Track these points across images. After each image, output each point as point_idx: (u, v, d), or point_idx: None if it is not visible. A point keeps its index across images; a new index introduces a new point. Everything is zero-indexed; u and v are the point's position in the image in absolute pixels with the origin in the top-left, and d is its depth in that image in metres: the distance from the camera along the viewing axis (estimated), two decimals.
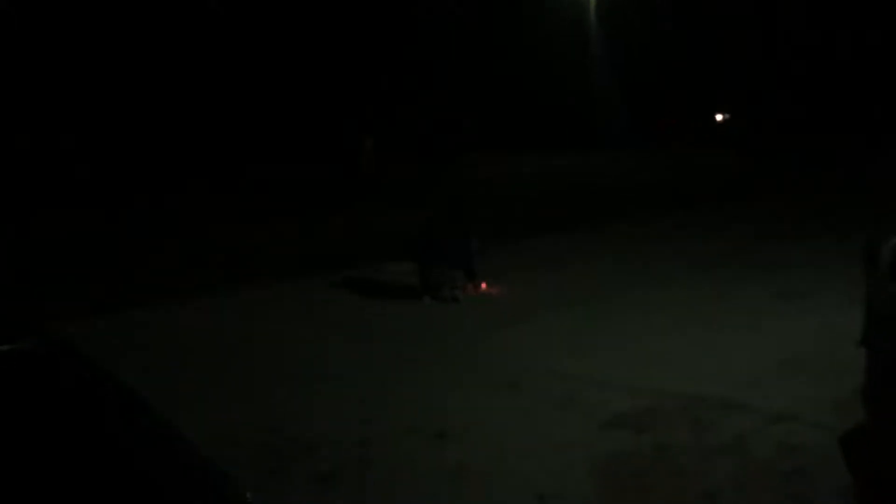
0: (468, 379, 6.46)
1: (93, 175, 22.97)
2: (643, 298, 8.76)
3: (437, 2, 30.68)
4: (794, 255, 10.44)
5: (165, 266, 11.23)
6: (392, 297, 9.11)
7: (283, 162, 25.19)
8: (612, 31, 29.65)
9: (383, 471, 4.89)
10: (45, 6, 26.00)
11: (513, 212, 13.52)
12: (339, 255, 11.50)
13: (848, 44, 28.24)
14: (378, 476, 4.83)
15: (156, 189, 21.72)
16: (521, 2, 31.14)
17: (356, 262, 10.81)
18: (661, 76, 30.19)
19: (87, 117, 26.24)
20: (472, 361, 6.91)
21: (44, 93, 25.66)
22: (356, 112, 27.76)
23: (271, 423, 5.66)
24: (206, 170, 24.40)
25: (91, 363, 2.85)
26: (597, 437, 5.28)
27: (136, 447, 2.64)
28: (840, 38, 28.28)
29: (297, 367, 6.92)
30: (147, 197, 20.16)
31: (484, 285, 9.13)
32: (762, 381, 6.08)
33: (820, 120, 27.09)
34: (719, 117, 30.75)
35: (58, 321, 6.97)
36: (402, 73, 29.66)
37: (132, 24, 27.40)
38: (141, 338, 7.96)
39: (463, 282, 8.94)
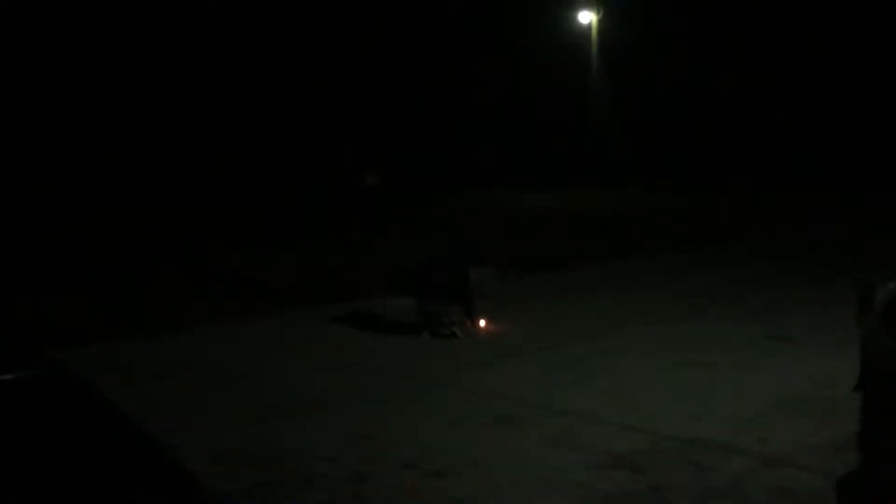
0: (466, 415, 6.47)
1: (92, 192, 22.81)
2: (641, 337, 8.79)
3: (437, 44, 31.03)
4: (786, 296, 10.49)
5: (166, 294, 11.25)
6: (391, 332, 9.12)
7: (284, 191, 25.25)
8: (613, 68, 29.96)
9: None
10: (45, 9, 26.08)
11: (515, 247, 13.57)
12: (339, 286, 11.53)
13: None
14: None
15: (149, 209, 21.75)
16: (521, 40, 31.47)
17: (356, 294, 10.84)
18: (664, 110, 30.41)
19: (89, 130, 26.22)
20: (469, 397, 6.93)
21: (42, 103, 25.70)
22: (360, 145, 27.90)
23: (268, 455, 5.67)
24: (206, 195, 24.37)
25: (95, 393, 2.88)
26: (593, 476, 5.29)
27: (137, 476, 2.67)
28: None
29: (295, 400, 6.93)
30: (145, 217, 20.18)
31: (484, 322, 9.15)
32: (758, 423, 6.10)
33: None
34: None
35: (60, 347, 7.01)
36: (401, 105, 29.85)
37: (137, 42, 27.61)
38: (140, 367, 7.95)
39: (462, 318, 8.96)
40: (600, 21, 30.11)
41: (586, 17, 30.28)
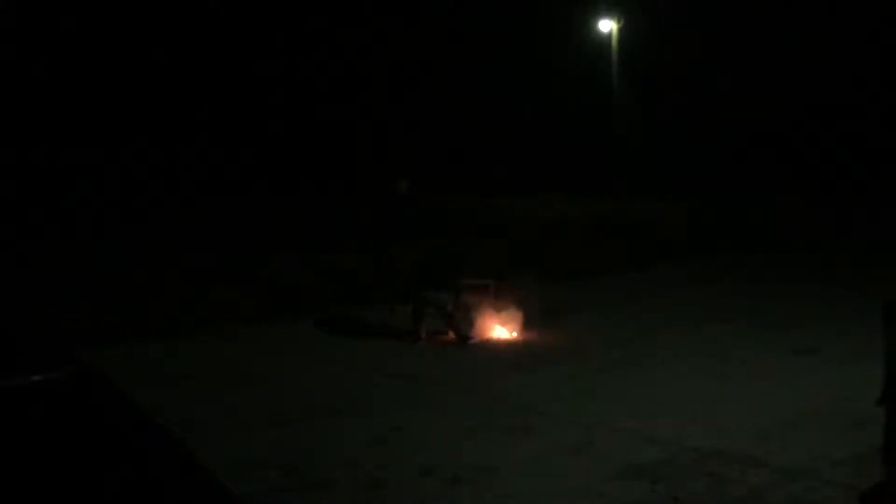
0: (484, 422, 6.46)
1: (98, 196, 22.78)
2: (661, 347, 8.75)
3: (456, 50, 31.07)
4: (807, 308, 10.40)
5: (187, 296, 11.29)
6: (411, 338, 9.10)
7: (316, 192, 25.16)
8: (634, 75, 29.88)
9: None
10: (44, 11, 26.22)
11: (535, 257, 13.53)
12: (357, 290, 11.54)
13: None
14: None
15: (179, 210, 21.76)
16: (549, 51, 31.49)
17: (374, 299, 10.82)
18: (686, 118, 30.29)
19: (94, 132, 26.29)
20: (488, 404, 6.92)
21: (44, 105, 25.82)
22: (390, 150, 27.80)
23: (286, 459, 5.68)
24: (229, 196, 24.39)
25: (120, 393, 2.91)
26: (611, 485, 5.27)
27: (164, 477, 2.70)
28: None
29: (312, 404, 6.93)
30: (169, 219, 20.23)
31: (508, 331, 9.16)
32: (778, 435, 6.05)
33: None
34: None
35: (84, 349, 7.05)
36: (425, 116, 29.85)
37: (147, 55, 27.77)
38: (158, 370, 8.00)
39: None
40: (621, 30, 30.04)
41: (607, 26, 30.23)
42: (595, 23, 30.45)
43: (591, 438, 6.06)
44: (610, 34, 30.17)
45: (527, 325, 9.20)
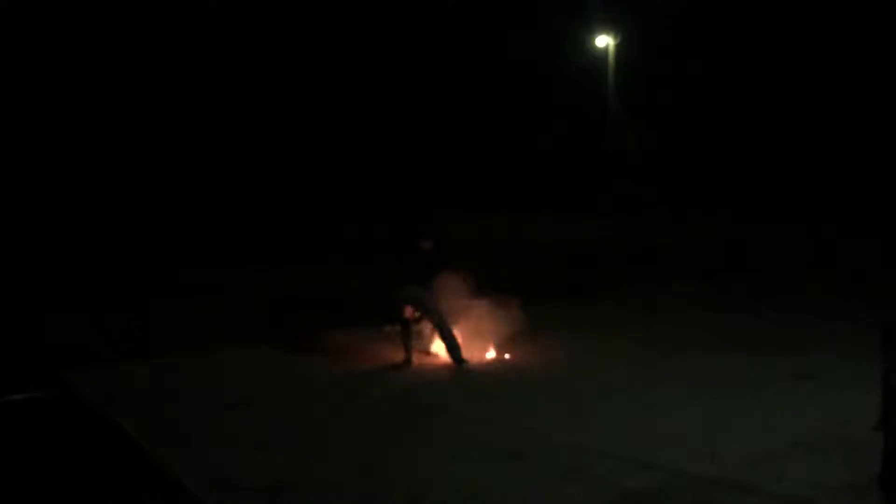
0: (472, 446, 6.32)
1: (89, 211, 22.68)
2: (655, 371, 8.61)
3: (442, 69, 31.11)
4: (805, 332, 10.28)
5: (175, 314, 11.20)
6: (404, 363, 8.96)
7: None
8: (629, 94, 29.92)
9: None
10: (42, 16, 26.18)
11: (525, 277, 13.42)
12: (345, 308, 11.43)
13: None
14: None
15: (189, 225, 21.62)
16: (537, 63, 31.52)
17: (359, 321, 10.65)
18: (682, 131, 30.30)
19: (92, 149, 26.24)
20: (478, 428, 6.77)
21: (38, 120, 25.77)
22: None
23: (270, 483, 5.54)
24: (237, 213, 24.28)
25: (102, 414, 2.92)
26: None
27: (143, 496, 2.68)
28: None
29: (296, 428, 6.80)
30: (169, 233, 20.10)
31: (495, 351, 9.06)
32: (775, 462, 5.91)
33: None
34: None
35: (68, 367, 6.94)
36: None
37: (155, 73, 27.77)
38: (143, 390, 7.87)
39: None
40: (618, 46, 30.09)
41: (603, 42, 30.27)
42: (592, 39, 30.52)
43: (583, 463, 5.92)
44: (607, 50, 30.23)
45: (514, 346, 9.09)
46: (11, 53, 25.19)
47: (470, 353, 8.91)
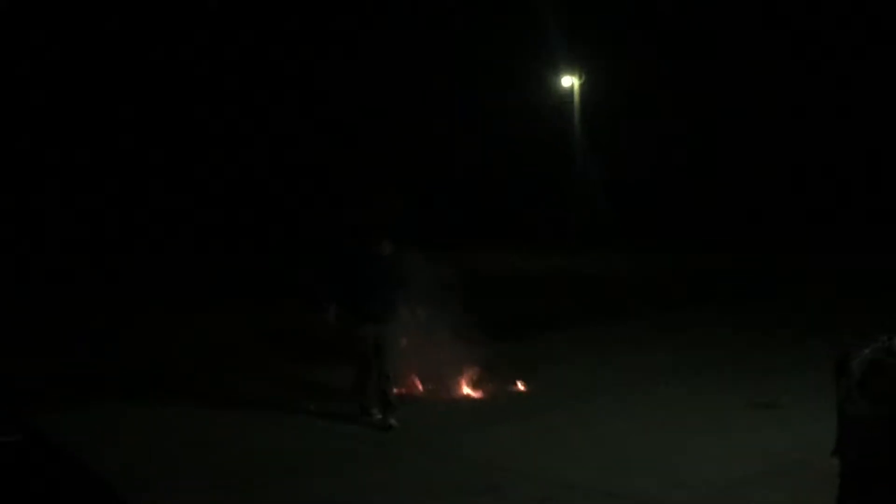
0: (450, 480, 6.37)
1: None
2: (623, 401, 8.72)
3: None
4: (773, 362, 10.46)
5: (141, 352, 11.11)
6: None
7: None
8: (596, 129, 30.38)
9: None
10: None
11: (498, 310, 13.52)
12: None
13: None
14: None
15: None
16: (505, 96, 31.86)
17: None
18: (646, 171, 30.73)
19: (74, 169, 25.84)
20: (454, 462, 6.82)
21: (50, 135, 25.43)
22: None
23: None
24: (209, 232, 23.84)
25: (72, 459, 2.89)
26: None
27: None
28: None
29: (269, 465, 6.79)
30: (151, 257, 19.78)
31: (464, 386, 9.13)
32: (743, 490, 6.03)
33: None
34: None
35: (36, 409, 6.91)
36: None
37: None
38: (122, 429, 7.83)
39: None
40: (582, 84, 30.64)
41: (568, 81, 30.82)
42: (558, 79, 31.06)
43: (550, 496, 5.99)
44: (572, 89, 30.77)
45: (483, 379, 9.17)
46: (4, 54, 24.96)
47: (445, 385, 8.96)
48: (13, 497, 2.65)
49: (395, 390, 7.96)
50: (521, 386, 9.38)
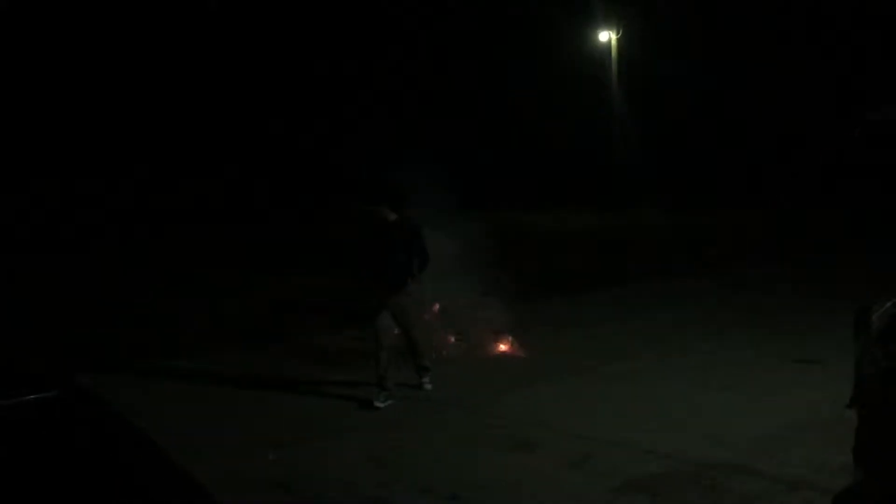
0: (483, 438, 6.47)
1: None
2: (659, 359, 8.75)
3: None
4: (806, 319, 10.38)
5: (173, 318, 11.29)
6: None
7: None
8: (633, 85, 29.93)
9: None
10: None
11: (529, 271, 13.53)
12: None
13: None
14: None
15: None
16: (535, 51, 31.45)
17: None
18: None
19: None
20: (487, 420, 6.92)
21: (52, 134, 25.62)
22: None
23: (283, 478, 5.70)
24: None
25: (112, 411, 2.99)
26: (612, 499, 5.27)
27: (152, 489, 2.77)
28: None
29: (308, 424, 6.95)
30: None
31: (504, 344, 9.19)
32: (775, 446, 6.05)
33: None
34: None
35: (80, 370, 7.08)
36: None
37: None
38: (152, 390, 8.01)
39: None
40: (619, 39, 30.14)
41: (605, 36, 30.32)
42: (595, 34, 30.57)
43: (589, 453, 6.06)
44: (609, 44, 30.28)
45: (522, 338, 9.22)
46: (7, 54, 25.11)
47: (482, 346, 9.03)
48: (61, 452, 2.75)
49: (425, 354, 7.87)
50: (556, 345, 9.42)
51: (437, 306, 9.02)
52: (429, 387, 7.78)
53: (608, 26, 30.07)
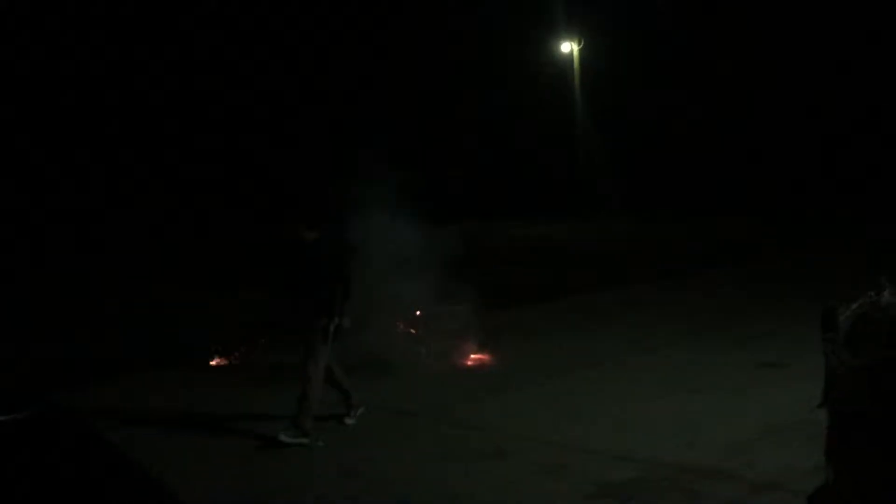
0: (455, 447, 6.45)
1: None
2: (629, 366, 8.81)
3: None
4: (775, 323, 10.52)
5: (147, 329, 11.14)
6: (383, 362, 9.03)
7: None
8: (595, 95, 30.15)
9: None
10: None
11: (501, 280, 13.58)
12: None
13: None
14: None
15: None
16: (505, 65, 31.60)
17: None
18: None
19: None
20: (459, 429, 6.91)
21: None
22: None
23: (257, 494, 5.64)
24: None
25: (91, 431, 2.95)
26: None
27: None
28: None
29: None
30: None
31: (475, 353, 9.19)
32: (747, 449, 6.11)
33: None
34: None
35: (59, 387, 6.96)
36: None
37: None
38: (123, 410, 7.88)
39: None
40: (581, 50, 30.42)
41: (567, 47, 30.59)
42: (557, 45, 30.81)
43: (563, 460, 6.06)
44: (571, 55, 30.55)
45: (492, 348, 9.23)
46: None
47: (452, 356, 9.03)
48: (31, 470, 2.72)
49: (310, 407, 6.62)
50: (527, 353, 9.45)
51: (418, 313, 8.99)
52: (285, 438, 6.47)
53: (569, 37, 30.36)
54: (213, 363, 9.49)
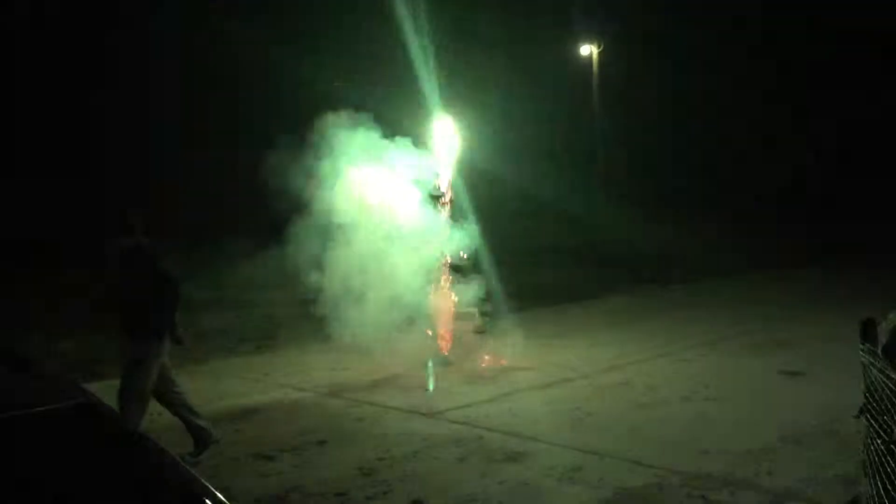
0: (473, 449, 6.46)
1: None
2: (647, 371, 8.79)
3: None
4: (796, 331, 10.48)
5: None
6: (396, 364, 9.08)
7: None
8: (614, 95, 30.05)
9: None
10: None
11: (521, 280, 13.56)
12: None
13: None
14: None
15: None
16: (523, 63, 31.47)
17: None
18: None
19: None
20: (476, 431, 6.91)
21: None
22: None
23: (275, 491, 5.66)
24: None
25: (121, 422, 2.97)
26: None
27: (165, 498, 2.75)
28: None
29: (298, 436, 6.89)
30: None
31: (491, 357, 9.21)
32: (767, 457, 6.08)
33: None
34: None
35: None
36: None
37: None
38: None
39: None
40: (601, 54, 30.31)
41: (587, 50, 30.50)
42: (576, 48, 30.71)
43: (580, 464, 6.06)
44: (591, 58, 30.44)
45: (507, 351, 9.23)
46: None
47: (469, 358, 9.04)
48: (74, 462, 2.75)
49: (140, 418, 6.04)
50: (546, 356, 9.45)
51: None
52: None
53: (589, 40, 30.24)
54: None
